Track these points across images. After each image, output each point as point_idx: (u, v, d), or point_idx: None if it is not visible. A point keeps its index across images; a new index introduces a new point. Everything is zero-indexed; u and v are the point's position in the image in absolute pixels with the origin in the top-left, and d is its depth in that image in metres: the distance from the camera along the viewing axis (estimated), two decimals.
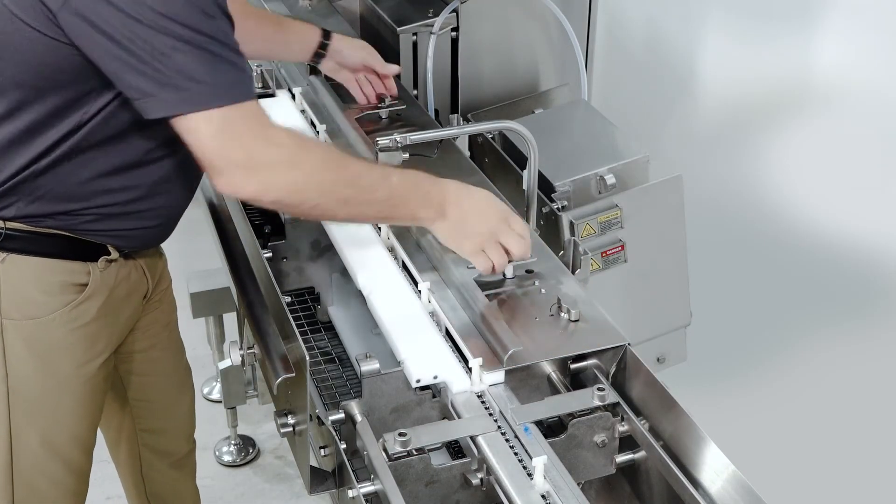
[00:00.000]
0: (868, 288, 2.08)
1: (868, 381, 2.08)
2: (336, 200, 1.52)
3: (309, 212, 1.55)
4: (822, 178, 2.15)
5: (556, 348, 1.54)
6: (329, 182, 1.51)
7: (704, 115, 2.46)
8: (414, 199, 1.58)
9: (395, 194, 1.57)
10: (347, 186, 1.52)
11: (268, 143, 1.45)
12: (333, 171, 1.52)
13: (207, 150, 1.43)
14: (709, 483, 1.35)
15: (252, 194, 1.47)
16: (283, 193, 1.48)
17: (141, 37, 1.36)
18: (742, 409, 2.29)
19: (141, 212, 1.66)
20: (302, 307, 2.02)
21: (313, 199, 1.50)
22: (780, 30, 2.19)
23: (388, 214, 1.61)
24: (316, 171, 1.50)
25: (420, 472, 1.38)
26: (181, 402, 2.10)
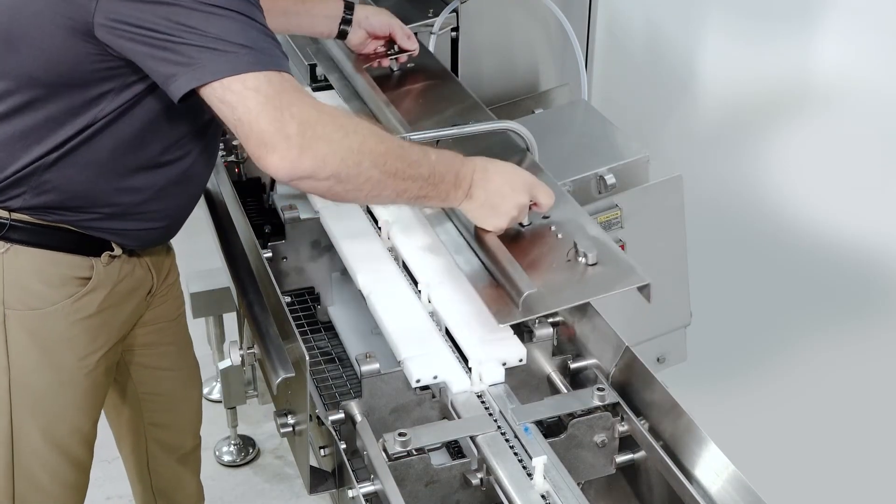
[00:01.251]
0: (868, 288, 2.08)
1: (868, 381, 2.08)
2: (387, 174, 1.46)
3: (360, 188, 1.45)
4: (822, 178, 2.15)
5: (574, 294, 1.51)
6: (381, 153, 1.45)
7: (704, 115, 2.46)
8: (449, 178, 1.55)
9: (435, 172, 1.53)
10: (397, 159, 1.47)
11: (320, 112, 1.39)
12: (384, 141, 1.47)
13: (258, 120, 1.34)
14: (709, 483, 1.35)
15: (309, 169, 1.38)
16: (341, 166, 1.40)
17: (177, 19, 1.33)
18: (742, 409, 2.29)
19: (147, 213, 1.66)
20: (302, 307, 2.02)
21: (367, 172, 1.43)
22: (780, 30, 2.19)
23: (426, 193, 1.54)
24: (369, 140, 1.43)
25: (420, 472, 1.38)
26: (189, 397, 2.10)
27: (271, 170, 1.38)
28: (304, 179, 1.40)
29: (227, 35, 1.35)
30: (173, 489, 2.16)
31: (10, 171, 1.54)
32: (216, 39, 1.34)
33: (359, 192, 1.47)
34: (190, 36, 1.34)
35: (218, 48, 1.34)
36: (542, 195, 1.62)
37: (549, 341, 1.57)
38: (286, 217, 1.89)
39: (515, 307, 1.50)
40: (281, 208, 1.94)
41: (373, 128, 1.48)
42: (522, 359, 1.54)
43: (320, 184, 1.42)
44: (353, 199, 1.54)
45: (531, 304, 1.49)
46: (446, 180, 1.54)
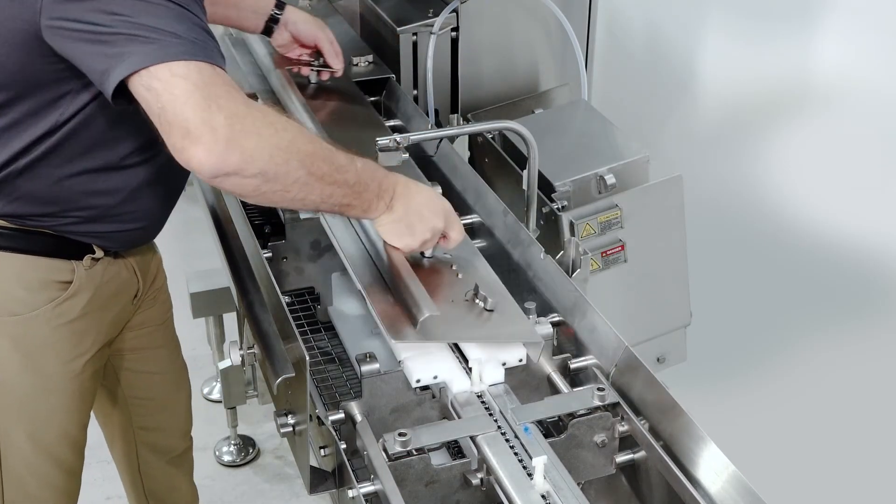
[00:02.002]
0: (868, 288, 2.08)
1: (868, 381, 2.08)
2: (315, 176, 1.39)
3: (287, 188, 1.37)
4: (822, 178, 2.15)
5: (470, 332, 1.51)
6: (310, 153, 1.38)
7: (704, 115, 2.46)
8: (372, 188, 1.49)
9: (360, 179, 1.47)
10: (325, 162, 1.40)
11: (249, 107, 1.32)
12: (313, 142, 1.41)
13: (183, 110, 1.26)
14: (709, 483, 1.35)
15: (235, 164, 1.30)
16: (269, 163, 1.32)
17: (109, 8, 1.29)
18: (742, 409, 2.29)
19: (123, 214, 1.63)
20: (302, 307, 2.02)
21: (295, 172, 1.36)
22: (780, 30, 2.19)
23: (350, 201, 1.47)
24: (298, 139, 1.37)
25: (420, 472, 1.38)
26: (178, 400, 2.10)
27: (194, 163, 1.29)
28: (230, 176, 1.31)
29: (159, 23, 1.29)
30: (166, 492, 2.16)
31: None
32: (147, 27, 1.28)
33: (285, 194, 1.39)
34: (121, 25, 1.29)
35: (148, 36, 1.28)
36: (454, 229, 1.60)
37: (549, 341, 1.57)
38: (286, 217, 1.89)
39: (412, 327, 1.48)
40: (281, 208, 1.94)
41: (302, 128, 1.42)
42: (522, 359, 1.54)
43: (246, 182, 1.33)
44: (278, 200, 1.41)
45: (430, 327, 1.47)
46: (370, 189, 1.49)
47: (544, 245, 1.77)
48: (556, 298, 1.69)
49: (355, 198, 1.48)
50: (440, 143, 2.06)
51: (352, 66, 2.34)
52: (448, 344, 1.57)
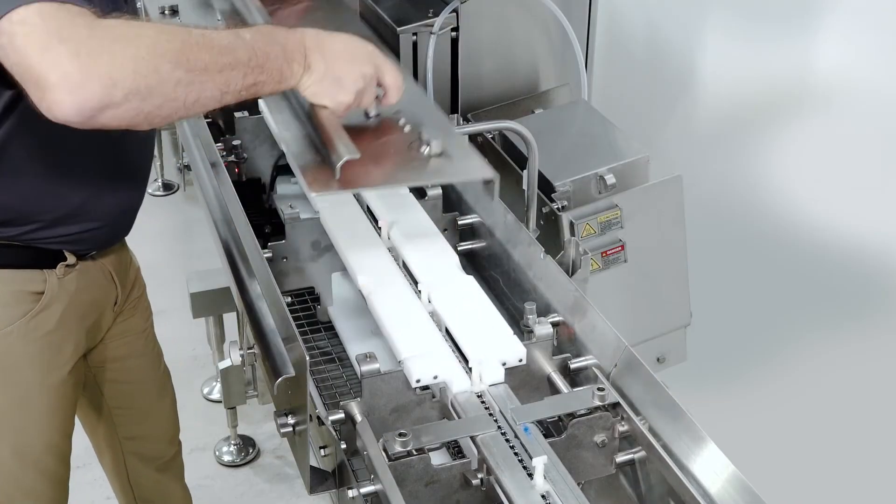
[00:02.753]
0: (868, 288, 2.08)
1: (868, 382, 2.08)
2: (196, 71, 1.24)
3: (172, 97, 1.23)
4: (822, 178, 2.15)
5: (403, 175, 1.37)
6: (178, 50, 1.23)
7: (704, 115, 2.46)
8: (275, 54, 1.34)
9: (256, 52, 1.32)
10: (202, 50, 1.26)
11: (92, 28, 1.18)
12: (177, 36, 1.25)
13: (27, 58, 1.15)
14: (709, 483, 1.35)
15: (99, 96, 1.16)
16: (136, 79, 1.18)
17: None
18: (742, 409, 2.29)
19: (84, 214, 1.59)
20: (302, 307, 2.02)
21: (171, 75, 1.21)
22: (780, 30, 2.19)
23: (255, 79, 1.32)
24: (159, 41, 1.22)
25: (420, 472, 1.38)
26: (161, 407, 2.07)
27: (57, 112, 1.17)
28: (102, 111, 1.18)
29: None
30: (158, 498, 2.15)
31: None
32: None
33: (174, 104, 1.24)
34: None
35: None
36: (388, 73, 1.44)
37: (549, 341, 1.57)
38: (286, 217, 1.89)
39: (333, 177, 1.34)
40: (281, 208, 1.94)
41: (161, 26, 1.27)
42: (522, 359, 1.54)
43: (122, 110, 1.19)
44: (170, 113, 1.26)
45: (352, 176, 1.31)
46: (273, 57, 1.33)
47: (544, 245, 1.77)
48: (556, 298, 1.69)
49: (259, 73, 1.32)
50: None
51: None
52: (448, 344, 1.57)
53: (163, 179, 4.25)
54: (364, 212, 1.90)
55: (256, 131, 2.22)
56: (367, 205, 1.89)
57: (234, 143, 2.15)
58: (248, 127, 2.21)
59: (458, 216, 1.97)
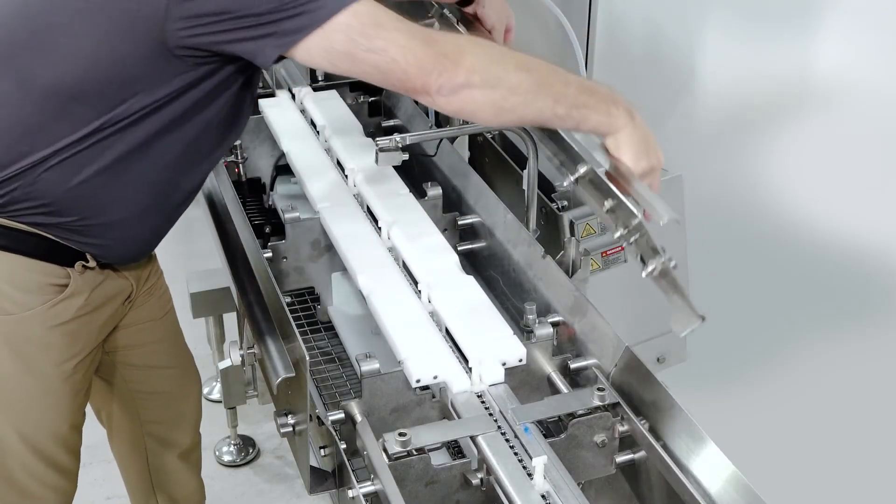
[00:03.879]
0: (868, 288, 2.08)
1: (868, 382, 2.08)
2: (536, 75, 1.45)
3: (515, 91, 1.43)
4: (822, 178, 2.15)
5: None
6: (521, 58, 1.46)
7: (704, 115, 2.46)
8: (603, 91, 1.49)
9: (584, 83, 1.49)
10: (539, 65, 1.47)
11: (435, 31, 1.45)
12: (513, 50, 1.49)
13: (410, 57, 1.38)
14: (709, 483, 1.35)
15: (465, 77, 1.39)
16: (490, 68, 1.41)
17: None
18: (742, 409, 2.29)
19: (119, 231, 1.62)
20: (302, 307, 2.02)
21: (515, 75, 1.43)
22: (780, 30, 2.19)
23: (585, 101, 1.47)
24: (497, 48, 1.49)
25: (420, 472, 1.38)
26: (188, 393, 2.08)
27: (455, 107, 1.41)
28: (467, 89, 1.40)
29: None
30: (174, 486, 2.16)
31: (2, 174, 1.51)
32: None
33: (515, 98, 1.43)
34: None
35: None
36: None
37: (549, 341, 1.58)
38: (286, 217, 1.89)
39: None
40: (281, 208, 1.94)
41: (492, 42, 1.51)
42: (522, 359, 1.54)
43: (477, 92, 1.40)
44: (513, 107, 1.44)
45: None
46: (601, 91, 1.48)
47: (544, 245, 1.77)
48: (556, 298, 1.69)
49: (589, 97, 1.47)
50: (440, 143, 2.06)
51: None
52: (448, 344, 1.57)
53: None
54: (364, 212, 1.90)
55: (256, 131, 2.23)
56: (367, 205, 1.89)
57: (234, 143, 2.15)
58: (248, 127, 2.21)
59: (458, 216, 1.97)
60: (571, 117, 1.47)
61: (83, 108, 1.47)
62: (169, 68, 1.44)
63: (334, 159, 2.04)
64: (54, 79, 1.46)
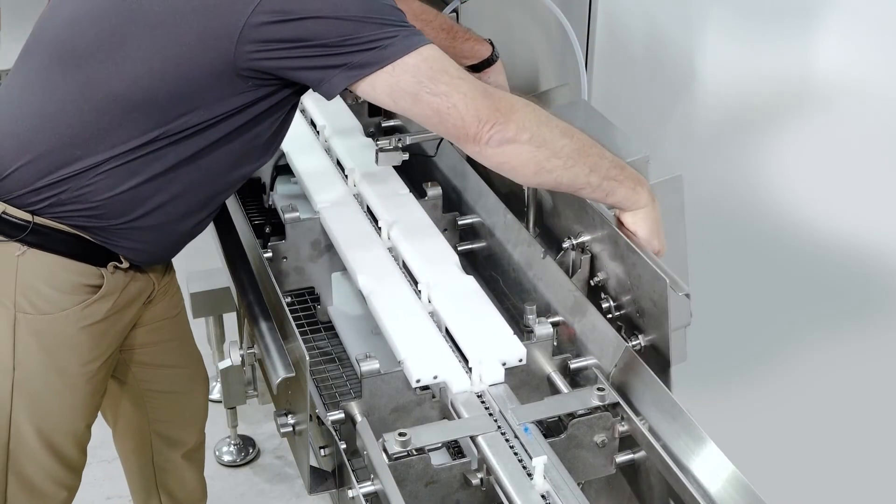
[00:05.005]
0: (868, 288, 2.07)
1: (868, 382, 2.07)
2: (576, 142, 1.53)
3: (557, 154, 1.51)
4: (822, 178, 2.15)
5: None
6: (563, 126, 1.52)
7: (704, 115, 2.46)
8: (628, 171, 1.58)
9: (615, 159, 1.57)
10: (579, 136, 1.54)
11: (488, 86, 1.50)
12: (561, 121, 1.55)
13: (470, 106, 1.43)
14: (709, 483, 1.35)
15: (513, 132, 1.46)
16: (536, 127, 1.48)
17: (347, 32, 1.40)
18: (742, 409, 2.29)
19: (160, 233, 1.65)
20: (302, 307, 2.02)
21: (560, 140, 1.51)
22: (780, 30, 2.19)
23: (616, 175, 1.57)
24: (543, 113, 1.52)
25: (420, 472, 1.38)
26: (195, 393, 2.09)
27: (497, 160, 1.48)
28: (511, 144, 1.46)
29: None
30: (178, 486, 2.16)
31: (52, 178, 1.54)
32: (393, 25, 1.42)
33: (556, 161, 1.50)
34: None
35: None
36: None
37: (549, 341, 1.58)
38: (286, 217, 1.89)
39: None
40: (281, 208, 1.94)
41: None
42: (522, 359, 1.54)
43: (523, 149, 1.47)
44: (552, 169, 1.52)
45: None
46: (628, 170, 1.58)
47: (544, 245, 1.77)
48: (556, 298, 1.69)
49: (621, 170, 1.56)
50: (440, 143, 2.06)
51: None
52: (448, 344, 1.57)
53: None
54: (364, 212, 1.90)
55: None
56: (367, 205, 1.89)
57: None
58: None
59: (458, 216, 1.97)
60: (602, 188, 1.56)
61: (143, 118, 1.49)
62: (231, 87, 1.46)
63: (334, 159, 2.04)
64: (120, 89, 1.48)
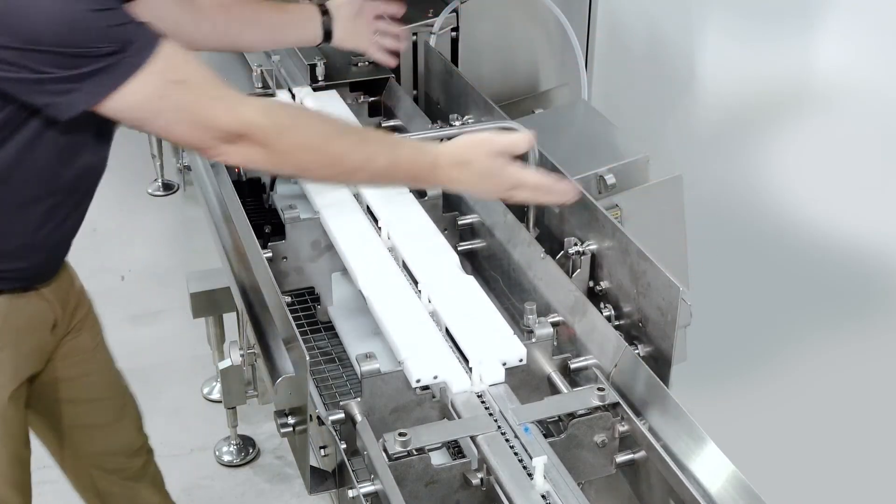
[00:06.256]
0: (868, 288, 2.07)
1: (868, 382, 2.07)
2: (331, 129, 1.52)
3: (305, 145, 1.49)
4: (822, 178, 2.15)
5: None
6: (307, 110, 1.56)
7: (704, 115, 2.46)
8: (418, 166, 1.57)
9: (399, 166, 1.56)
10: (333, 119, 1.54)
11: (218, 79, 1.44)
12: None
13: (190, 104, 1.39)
14: (709, 483, 1.35)
15: (247, 124, 1.42)
16: (277, 115, 1.46)
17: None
18: (742, 409, 2.29)
19: (21, 255, 1.59)
20: (302, 307, 2.02)
21: (306, 124, 1.50)
22: (780, 30, 2.19)
23: (398, 153, 1.56)
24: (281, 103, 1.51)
25: (420, 472, 1.38)
26: (123, 422, 2.02)
27: (231, 160, 1.45)
28: (244, 140, 1.42)
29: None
30: None
31: None
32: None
33: (305, 156, 1.48)
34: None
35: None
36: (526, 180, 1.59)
37: (549, 341, 1.58)
38: (286, 217, 1.89)
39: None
40: (281, 208, 1.94)
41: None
42: (522, 359, 1.54)
43: (255, 150, 1.43)
44: (309, 167, 1.51)
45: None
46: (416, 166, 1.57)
47: (544, 245, 1.77)
48: (556, 298, 1.69)
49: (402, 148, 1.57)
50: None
51: (352, 66, 2.34)
52: (448, 344, 1.57)
53: (163, 179, 4.25)
54: (364, 212, 1.90)
55: None
56: (367, 205, 1.89)
57: None
58: None
59: (458, 216, 1.97)
60: (390, 173, 1.56)
61: None
62: None
63: None
64: None
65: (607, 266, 1.70)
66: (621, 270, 1.65)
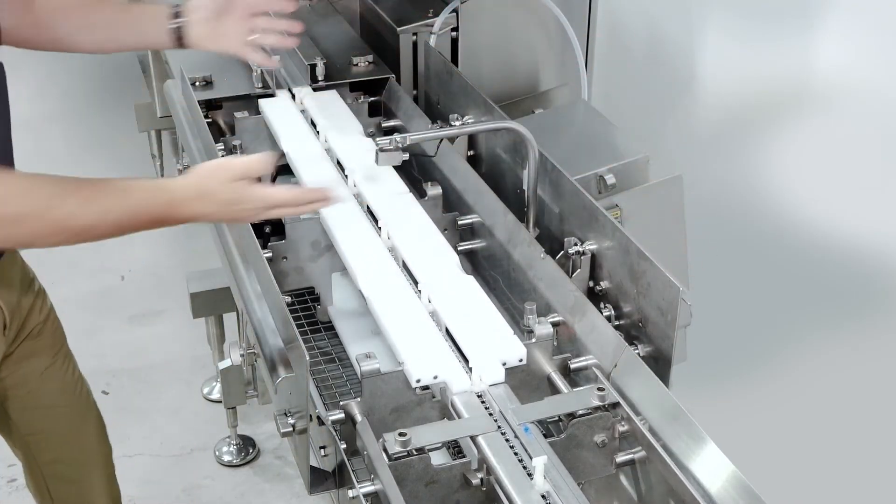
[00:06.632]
0: (868, 288, 2.07)
1: (868, 382, 2.07)
2: (62, 184, 1.41)
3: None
4: (822, 178, 2.15)
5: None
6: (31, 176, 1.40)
7: (704, 115, 2.46)
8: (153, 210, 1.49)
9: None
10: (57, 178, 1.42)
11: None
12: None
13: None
14: (709, 483, 1.35)
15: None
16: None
17: None
18: (742, 409, 2.29)
19: None
20: (302, 307, 2.02)
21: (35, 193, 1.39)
22: (780, 30, 2.19)
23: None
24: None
25: (420, 472, 1.38)
26: (83, 432, 1.99)
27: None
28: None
29: None
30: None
31: None
32: None
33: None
34: None
35: None
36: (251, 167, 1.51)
37: (549, 341, 1.58)
38: (286, 217, 1.89)
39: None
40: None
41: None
42: (522, 359, 1.54)
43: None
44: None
45: None
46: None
47: (544, 245, 1.77)
48: (556, 298, 1.69)
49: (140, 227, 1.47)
50: (440, 143, 2.06)
51: (352, 66, 2.34)
52: (448, 344, 1.57)
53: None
54: (364, 212, 1.90)
55: (256, 131, 2.22)
56: (367, 205, 1.89)
57: (234, 144, 2.15)
58: (248, 127, 2.21)
59: (458, 216, 1.97)
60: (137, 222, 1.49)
61: None
62: None
63: (334, 159, 2.04)
64: None
65: (607, 266, 1.70)
66: (621, 270, 1.65)
